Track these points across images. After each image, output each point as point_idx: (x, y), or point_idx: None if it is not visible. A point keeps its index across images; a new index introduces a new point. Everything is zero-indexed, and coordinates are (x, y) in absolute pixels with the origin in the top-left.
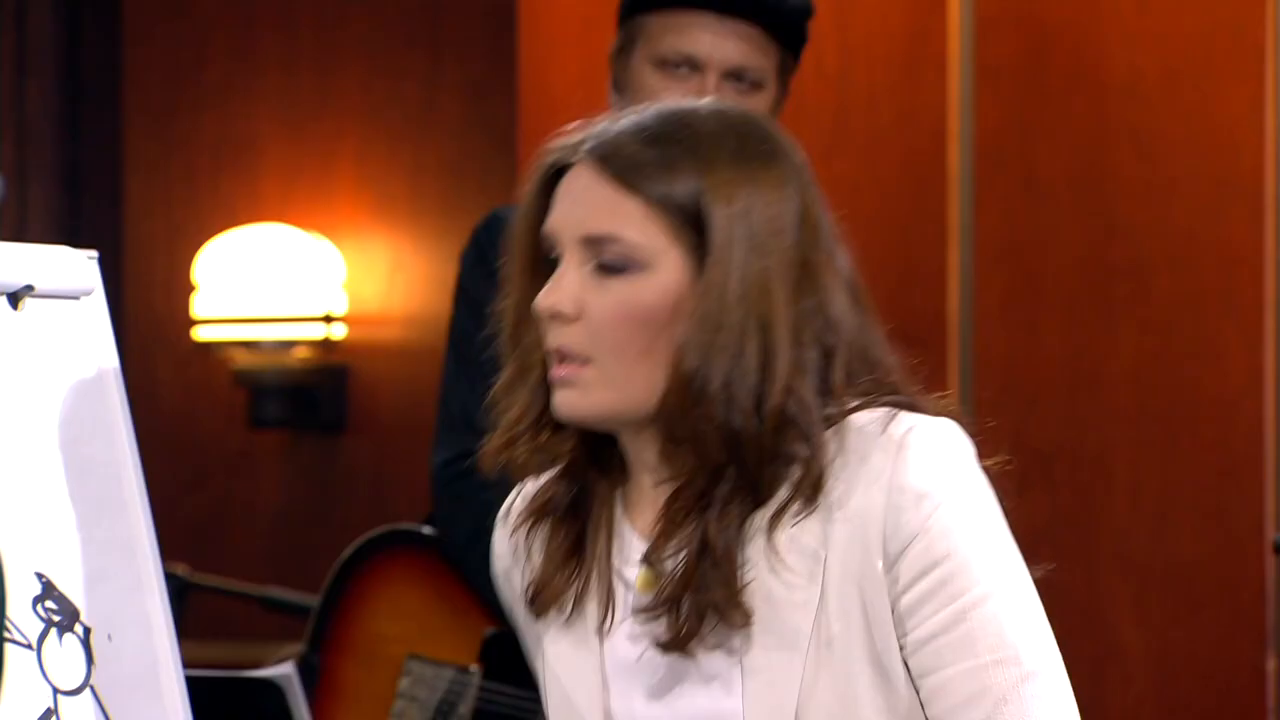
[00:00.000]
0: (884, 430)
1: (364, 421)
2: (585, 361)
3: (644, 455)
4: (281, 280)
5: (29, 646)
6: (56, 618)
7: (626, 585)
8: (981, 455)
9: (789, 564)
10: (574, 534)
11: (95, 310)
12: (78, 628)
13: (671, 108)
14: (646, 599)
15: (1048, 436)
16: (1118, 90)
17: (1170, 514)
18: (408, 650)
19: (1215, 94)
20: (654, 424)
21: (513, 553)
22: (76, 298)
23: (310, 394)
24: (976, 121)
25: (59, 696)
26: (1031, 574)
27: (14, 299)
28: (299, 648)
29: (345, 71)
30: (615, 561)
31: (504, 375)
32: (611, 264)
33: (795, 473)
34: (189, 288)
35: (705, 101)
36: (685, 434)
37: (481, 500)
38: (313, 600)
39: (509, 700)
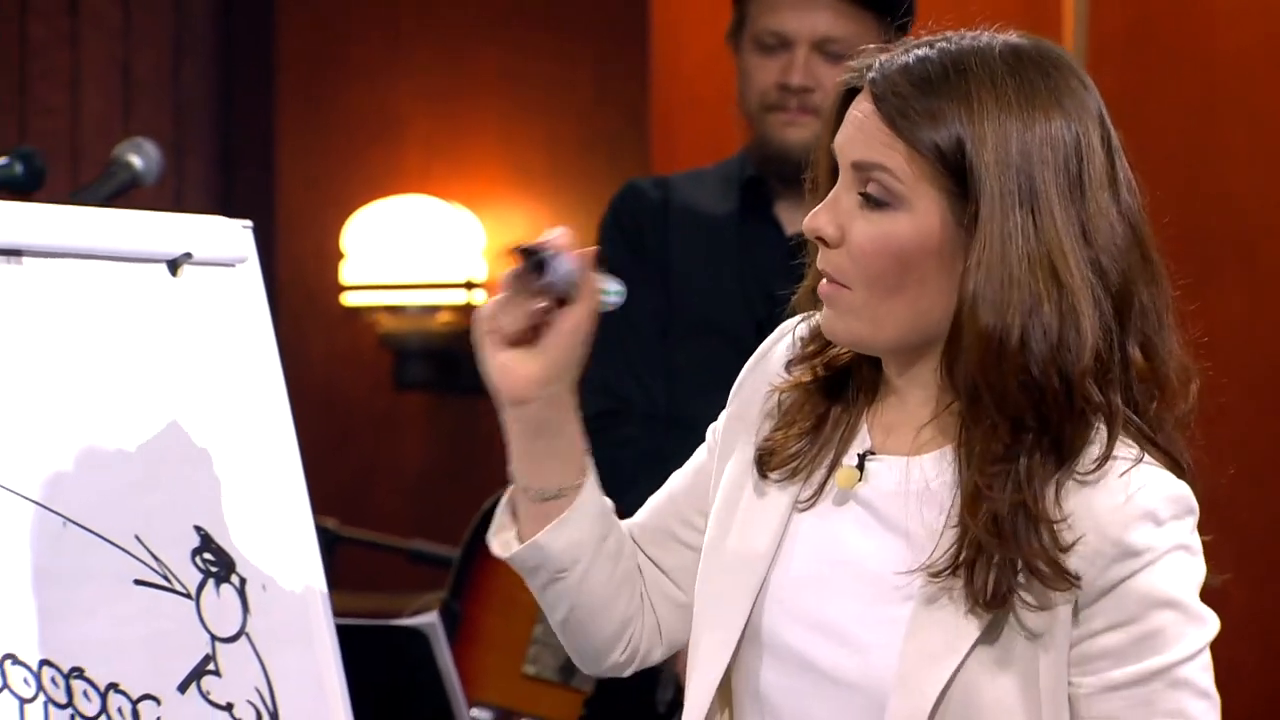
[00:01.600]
0: (1121, 474)
1: None
2: (845, 287)
3: (894, 381)
4: (425, 248)
5: (188, 596)
6: (214, 569)
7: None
8: (1202, 522)
9: None
10: (819, 415)
11: (249, 277)
12: (234, 578)
13: (958, 45)
14: (919, 556)
15: None
16: (1226, 61)
17: (1273, 474)
18: None
19: None
20: (903, 358)
21: (765, 389)
22: (232, 265)
23: (453, 357)
24: None
25: (216, 644)
26: (1212, 583)
27: (173, 266)
28: (440, 595)
29: (484, 48)
30: (845, 456)
31: (804, 283)
32: (875, 195)
33: (1099, 438)
34: (338, 256)
35: (1000, 37)
36: (987, 387)
37: (615, 457)
38: (454, 552)
39: None
